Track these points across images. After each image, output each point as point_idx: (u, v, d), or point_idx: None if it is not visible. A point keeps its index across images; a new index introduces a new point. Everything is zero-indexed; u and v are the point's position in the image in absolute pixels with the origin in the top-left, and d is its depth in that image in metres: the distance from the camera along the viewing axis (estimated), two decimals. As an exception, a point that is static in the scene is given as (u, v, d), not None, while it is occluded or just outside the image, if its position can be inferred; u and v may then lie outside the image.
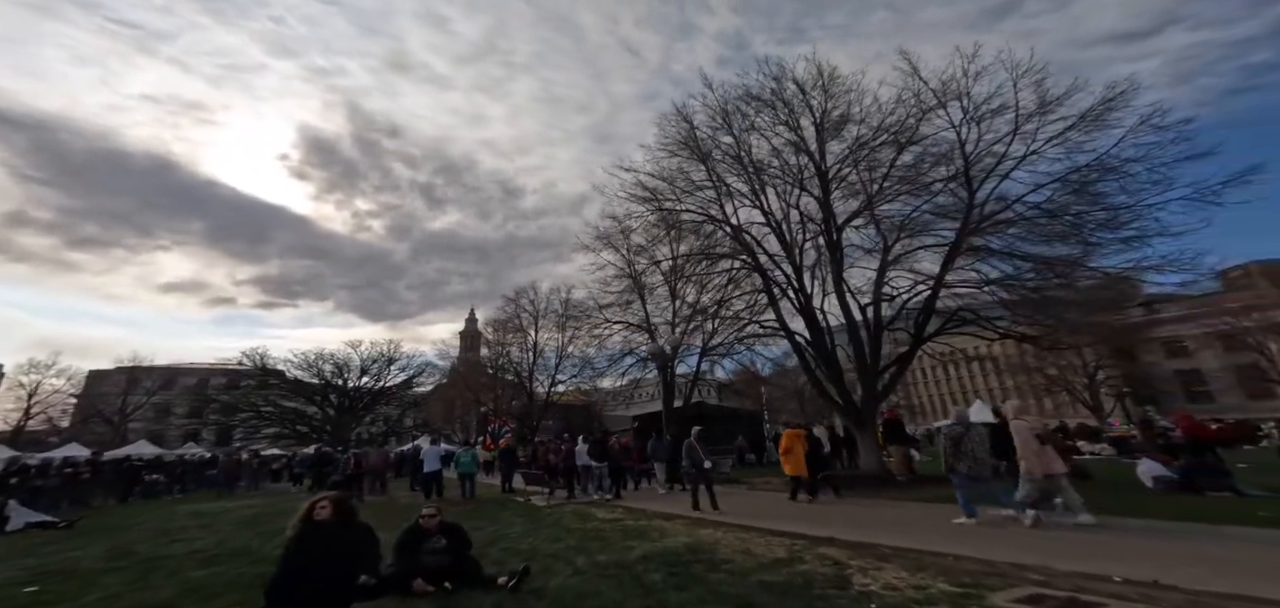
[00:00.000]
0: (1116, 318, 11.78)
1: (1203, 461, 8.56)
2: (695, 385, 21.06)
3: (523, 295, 34.52)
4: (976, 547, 5.26)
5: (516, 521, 9.04)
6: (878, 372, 12.79)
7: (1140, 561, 4.34)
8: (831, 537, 6.19)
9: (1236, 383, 36.98)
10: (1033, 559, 4.57)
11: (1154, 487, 8.57)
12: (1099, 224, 9.46)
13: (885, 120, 12.54)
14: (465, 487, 13.12)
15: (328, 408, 44.91)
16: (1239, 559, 4.33)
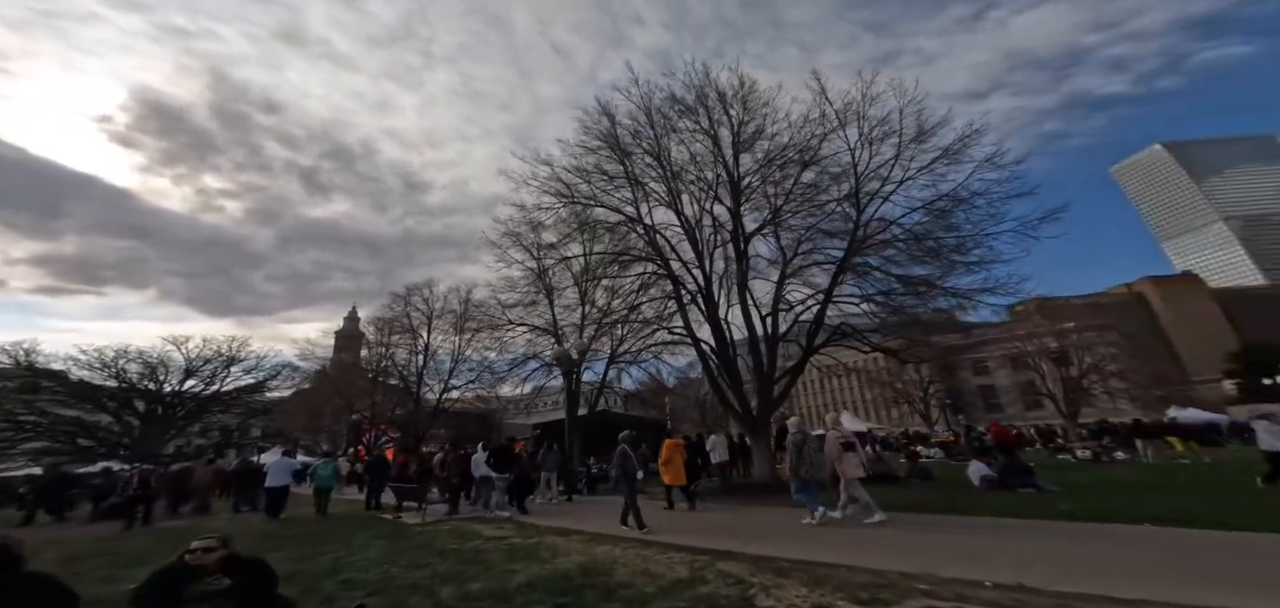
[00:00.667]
0: (951, 338, 13.91)
1: (1014, 461, 10.28)
2: (601, 393, 20.39)
3: (415, 293, 30.77)
4: (865, 556, 5.33)
5: (375, 543, 7.40)
6: (773, 380, 13.42)
7: (999, 562, 4.70)
8: (731, 550, 5.92)
9: (1019, 397, 47.37)
10: (914, 566, 4.72)
11: (980, 485, 10.04)
12: (951, 248, 11.06)
13: (794, 137, 13.39)
14: (322, 504, 11.28)
15: (128, 417, 35.23)
16: (1081, 556, 4.86)
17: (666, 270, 14.22)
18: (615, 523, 8.21)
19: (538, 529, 8.21)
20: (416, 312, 30.35)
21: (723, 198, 14.18)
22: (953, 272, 11.01)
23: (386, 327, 32.41)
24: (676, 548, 6.23)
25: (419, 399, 30.83)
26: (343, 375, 39.17)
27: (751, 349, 13.77)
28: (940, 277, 11.12)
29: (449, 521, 9.60)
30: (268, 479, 11.37)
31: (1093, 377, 36.91)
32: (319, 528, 9.33)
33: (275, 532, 9.20)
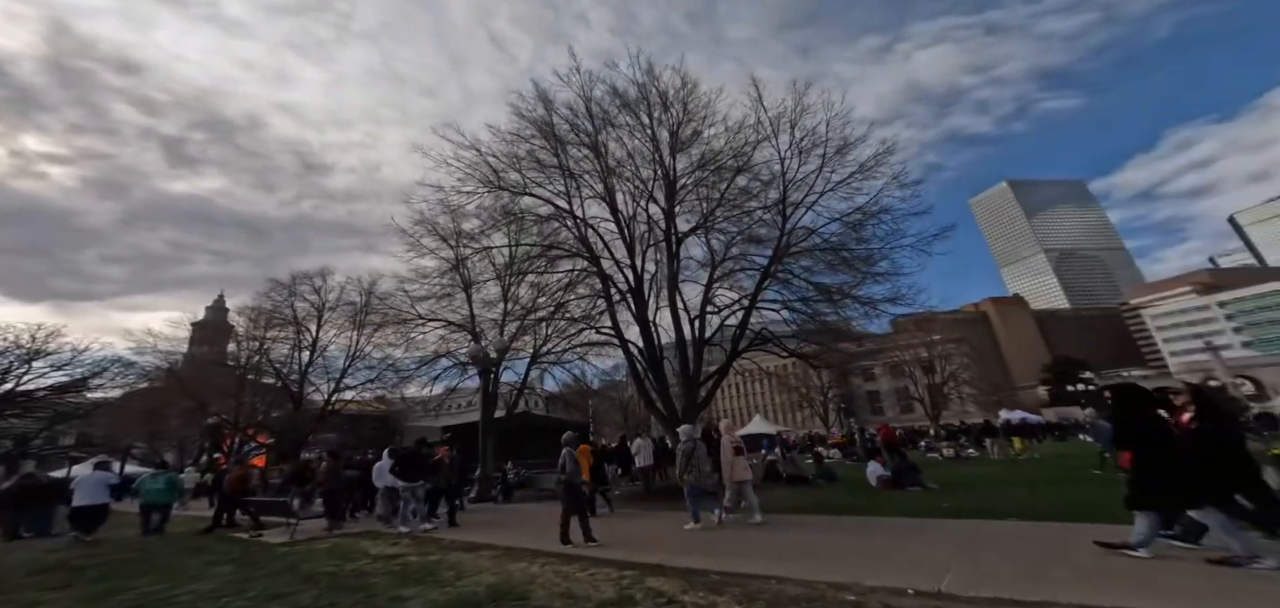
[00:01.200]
0: (852, 346, 15.20)
1: (904, 462, 11.40)
2: (521, 395, 19.16)
3: (303, 282, 26.60)
4: (791, 565, 5.29)
5: (215, 570, 5.87)
6: (699, 383, 13.52)
7: (916, 566, 4.92)
8: (660, 565, 5.57)
9: (897, 401, 54.28)
10: (840, 574, 4.75)
11: (877, 484, 10.96)
12: (862, 259, 12.02)
13: (730, 142, 13.64)
14: (150, 521, 9.46)
15: None
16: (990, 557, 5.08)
17: (597, 268, 13.72)
18: (532, 535, 7.52)
19: (441, 545, 7.19)
20: (304, 302, 26.28)
21: (657, 197, 14.04)
22: (863, 282, 11.94)
23: (263, 318, 27.60)
24: (600, 562, 5.73)
25: (301, 400, 26.66)
26: (199, 373, 32.60)
27: (678, 352, 13.77)
28: (853, 286, 12.00)
29: (329, 538, 8.08)
30: (75, 498, 9.29)
31: (950, 384, 43.46)
32: (138, 554, 7.27)
33: (69, 561, 6.98)
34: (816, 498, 9.88)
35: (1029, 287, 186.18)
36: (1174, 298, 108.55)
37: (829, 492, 10.93)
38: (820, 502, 9.42)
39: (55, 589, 5.28)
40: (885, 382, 57.06)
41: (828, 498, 9.78)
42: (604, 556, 6.06)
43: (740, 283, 14.43)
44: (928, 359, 42.83)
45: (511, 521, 9.73)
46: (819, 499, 9.72)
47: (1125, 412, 4.93)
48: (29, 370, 29.53)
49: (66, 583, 5.53)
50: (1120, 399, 5.04)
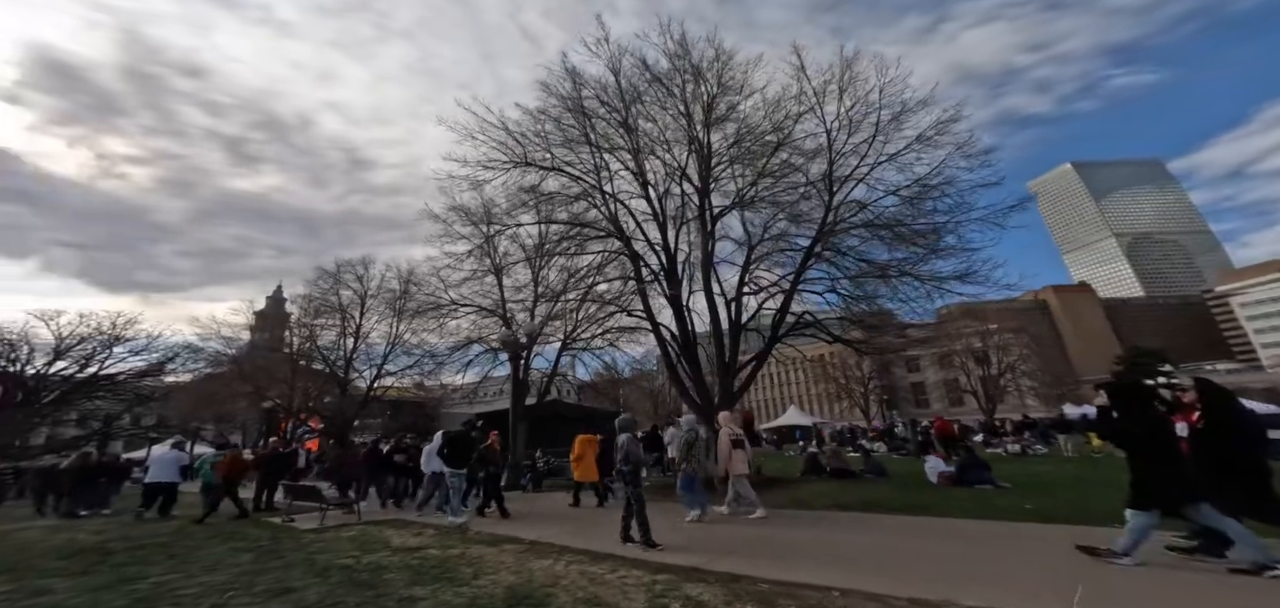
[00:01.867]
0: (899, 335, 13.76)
1: (972, 458, 10.13)
2: (552, 381, 18.90)
3: (347, 270, 27.55)
4: (851, 575, 4.51)
5: (237, 559, 5.71)
6: (734, 370, 12.67)
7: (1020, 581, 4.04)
8: (696, 568, 4.91)
9: (945, 393, 50.90)
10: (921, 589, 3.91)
11: (938, 482, 9.80)
12: (926, 233, 10.73)
13: (769, 115, 12.61)
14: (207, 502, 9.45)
15: (-23, 402, 29.09)
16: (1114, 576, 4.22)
17: (628, 249, 13.07)
18: (559, 528, 7.04)
19: (464, 537, 6.81)
20: (347, 290, 27.23)
21: (691, 174, 13.19)
22: (926, 259, 10.66)
23: (312, 305, 28.88)
24: (630, 563, 5.12)
25: (347, 386, 27.73)
26: (258, 359, 34.66)
27: (713, 337, 12.95)
28: (915, 263, 10.73)
29: (354, 526, 7.92)
30: (149, 474, 10.06)
31: (1008, 375, 40.15)
32: (171, 537, 7.33)
33: (106, 543, 7.10)
34: (866, 494, 8.89)
35: (1096, 274, 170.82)
36: (1267, 285, 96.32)
37: (879, 488, 9.87)
38: (871, 498, 8.44)
39: (72, 575, 5.23)
40: (931, 373, 53.62)
41: (880, 495, 8.77)
42: (632, 555, 5.44)
43: (780, 263, 13.41)
44: (981, 350, 39.70)
45: (540, 511, 9.31)
46: (869, 496, 8.72)
47: (1124, 408, 4.60)
48: (110, 355, 32.39)
49: (87, 569, 5.50)
50: (1119, 396, 4.72)
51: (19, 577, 5.19)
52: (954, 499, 8.07)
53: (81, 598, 4.39)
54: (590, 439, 9.67)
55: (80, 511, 9.85)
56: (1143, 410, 4.49)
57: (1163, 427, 4.35)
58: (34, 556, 6.32)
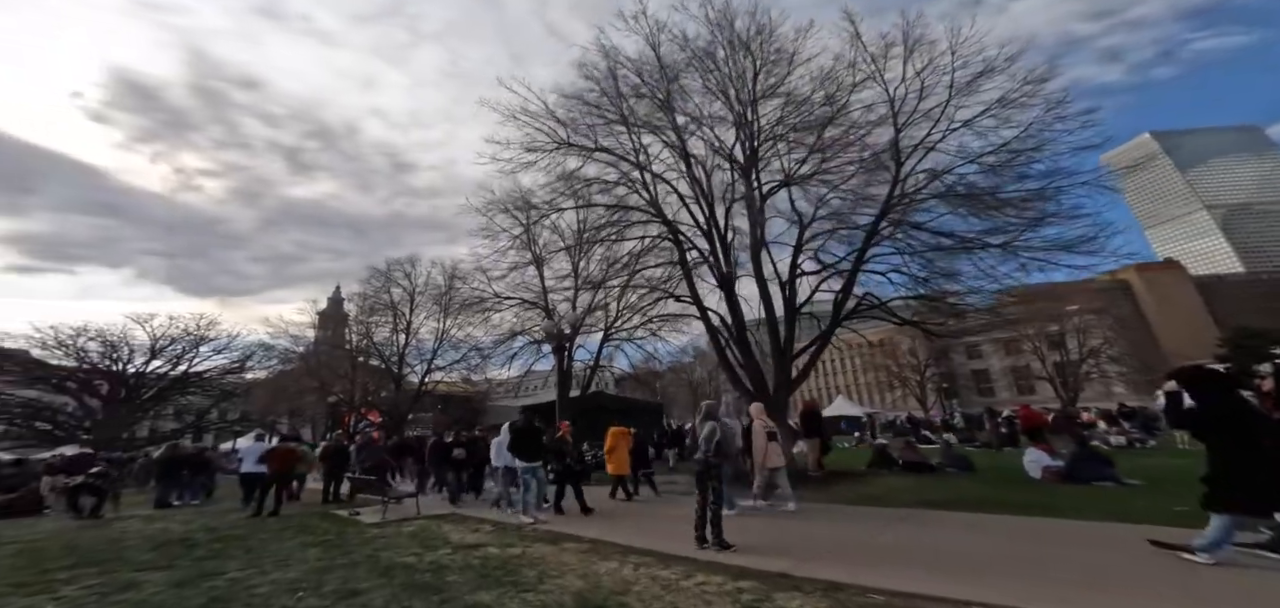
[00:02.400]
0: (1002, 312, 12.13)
1: (1085, 450, 8.74)
2: (595, 372, 18.66)
3: (396, 268, 28.64)
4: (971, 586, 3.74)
5: (307, 554, 5.63)
6: (791, 356, 11.77)
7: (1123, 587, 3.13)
8: (785, 573, 4.26)
9: (1012, 381, 46.78)
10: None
11: (1043, 478, 8.53)
12: (1018, 202, 9.35)
13: (820, 86, 11.57)
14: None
15: (90, 399, 32.65)
16: None
17: (671, 233, 12.44)
18: (617, 525, 6.56)
19: (522, 535, 6.48)
20: (397, 288, 28.31)
21: (736, 153, 12.36)
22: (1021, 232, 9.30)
23: (367, 303, 30.30)
24: (705, 568, 4.54)
25: (401, 380, 28.89)
26: (322, 356, 36.91)
27: (767, 323, 12.10)
28: (1010, 236, 9.35)
29: (413, 521, 7.81)
30: (242, 465, 10.46)
31: (1090, 361, 36.21)
32: (248, 530, 7.50)
33: (191, 535, 7.33)
34: (954, 491, 7.83)
35: (1185, 251, 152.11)
36: None
37: (965, 483, 8.73)
38: (963, 496, 7.40)
39: (158, 568, 5.34)
40: (996, 360, 49.45)
41: (972, 491, 7.69)
42: (706, 558, 4.86)
43: (839, 242, 12.33)
44: (1058, 333, 35.99)
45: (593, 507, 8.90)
46: (960, 492, 7.67)
47: (1200, 394, 4.04)
48: (196, 354, 35.60)
49: (171, 562, 5.62)
50: (1194, 380, 4.18)
51: (109, 569, 5.33)
52: (1071, 498, 6.91)
53: (166, 594, 4.38)
54: (623, 432, 9.26)
55: (172, 501, 10.50)
56: (1223, 397, 3.92)
57: (1245, 414, 3.84)
58: (126, 547, 6.56)
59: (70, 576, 5.06)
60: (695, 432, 5.88)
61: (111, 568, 5.32)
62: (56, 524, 8.66)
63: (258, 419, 39.70)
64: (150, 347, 34.30)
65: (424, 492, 10.68)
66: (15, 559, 6.11)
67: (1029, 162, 9.39)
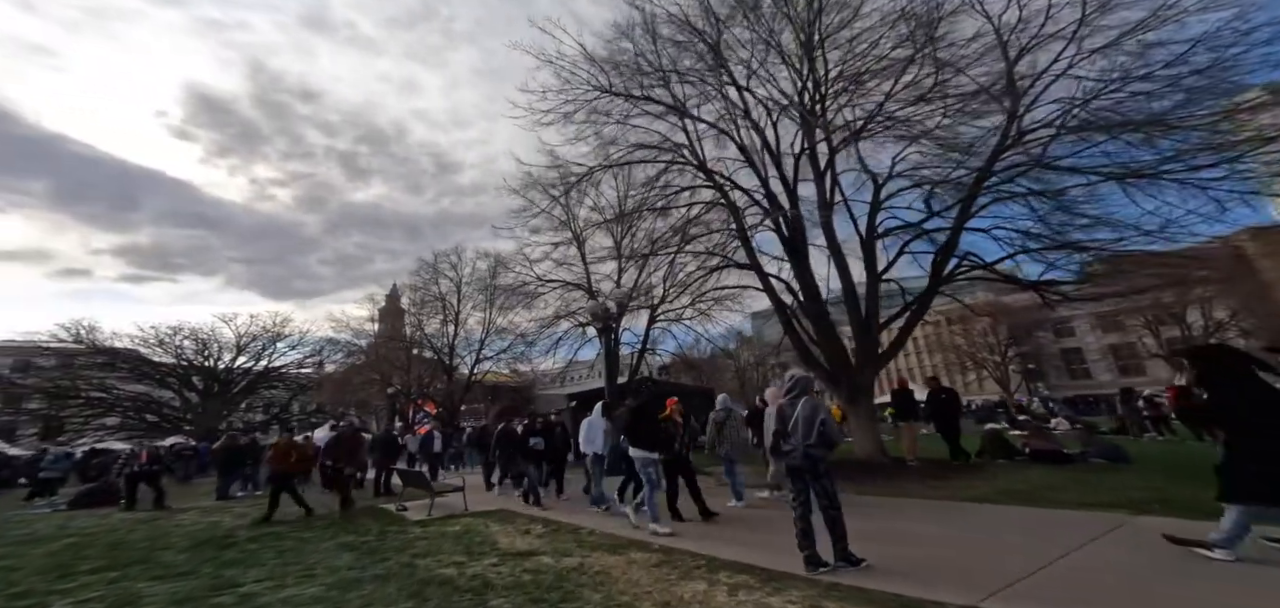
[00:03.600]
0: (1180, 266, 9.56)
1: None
2: (642, 356, 17.56)
3: (443, 260, 28.99)
4: None
5: (339, 560, 4.88)
6: (874, 330, 10.00)
7: None
8: (940, 603, 2.87)
9: (1113, 360, 40.96)
10: None
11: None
12: (1205, 120, 7.06)
13: (895, 26, 9.61)
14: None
15: (187, 392, 35.85)
16: None
17: (723, 197, 10.97)
18: (689, 529, 5.37)
19: (580, 539, 5.42)
20: (445, 280, 28.68)
21: (799, 104, 10.61)
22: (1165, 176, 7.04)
23: (419, 295, 31.05)
24: (831, 594, 3.20)
25: (453, 371, 29.33)
26: (381, 349, 38.53)
27: (844, 292, 10.39)
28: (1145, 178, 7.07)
29: (460, 519, 7.01)
30: None
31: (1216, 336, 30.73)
32: (289, 527, 6.97)
33: (234, 532, 6.92)
34: (1125, 489, 5.93)
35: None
36: None
37: (1136, 478, 6.72)
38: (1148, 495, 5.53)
39: (177, 575, 4.84)
40: (1093, 336, 43.55)
41: (1150, 489, 5.77)
42: (825, 579, 3.52)
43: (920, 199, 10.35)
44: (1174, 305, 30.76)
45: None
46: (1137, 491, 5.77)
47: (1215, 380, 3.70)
48: (275, 350, 38.31)
49: (196, 567, 5.09)
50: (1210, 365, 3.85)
51: (127, 575, 4.85)
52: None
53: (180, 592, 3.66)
54: None
55: (234, 492, 10.42)
56: (1241, 383, 3.53)
57: (1268, 401, 3.40)
58: (165, 546, 6.19)
59: (81, 583, 4.57)
60: (781, 414, 4.36)
61: (130, 573, 4.81)
62: (120, 517, 8.66)
63: (330, 411, 42.27)
64: (236, 344, 37.20)
65: (493, 487, 9.82)
66: (51, 556, 5.85)
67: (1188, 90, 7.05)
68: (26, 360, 45.64)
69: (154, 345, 35.25)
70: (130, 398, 34.90)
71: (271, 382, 41.51)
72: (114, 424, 35.50)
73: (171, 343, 35.51)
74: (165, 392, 36.45)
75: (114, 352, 35.83)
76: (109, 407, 35.22)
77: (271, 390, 42.88)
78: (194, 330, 36.53)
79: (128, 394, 34.95)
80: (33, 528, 7.74)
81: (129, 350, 36.55)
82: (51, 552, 6.03)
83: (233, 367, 37.69)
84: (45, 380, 35.39)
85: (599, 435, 6.95)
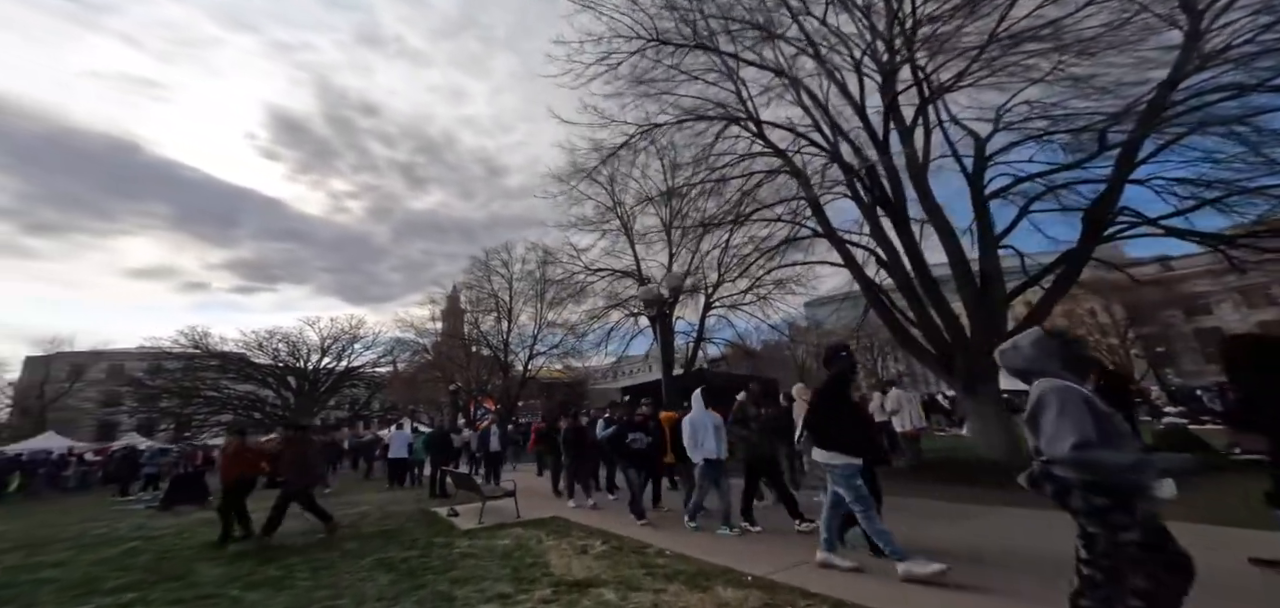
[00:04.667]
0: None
1: None
2: (698, 346, 16.24)
3: (494, 257, 29.35)
4: None
5: (369, 581, 4.12)
6: (996, 304, 8.04)
7: None
8: None
9: (1268, 341, 33.66)
10: None
11: None
12: None
13: None
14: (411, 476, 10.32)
15: (285, 391, 39.28)
16: None
17: (786, 163, 9.39)
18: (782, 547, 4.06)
19: (646, 559, 4.30)
20: (497, 276, 29.04)
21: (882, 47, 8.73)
22: None
23: (473, 294, 31.76)
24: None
25: (508, 367, 29.64)
26: (444, 348, 40.08)
27: (953, 265, 8.48)
28: None
29: (511, 528, 6.17)
30: (390, 451, 11.65)
31: None
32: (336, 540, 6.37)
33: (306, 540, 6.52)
34: None
35: None
36: None
37: None
38: None
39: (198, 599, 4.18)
40: (1235, 315, 36.20)
41: None
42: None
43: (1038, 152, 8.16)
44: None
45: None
46: None
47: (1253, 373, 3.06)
48: (353, 350, 41.10)
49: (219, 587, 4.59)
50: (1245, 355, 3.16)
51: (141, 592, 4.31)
52: None
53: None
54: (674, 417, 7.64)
55: None
56: None
57: None
58: (204, 558, 5.78)
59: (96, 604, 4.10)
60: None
61: (150, 597, 4.29)
62: (190, 520, 8.55)
63: (401, 408, 44.73)
64: (320, 345, 40.28)
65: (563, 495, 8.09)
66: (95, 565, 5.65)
67: None
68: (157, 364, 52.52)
69: (254, 349, 38.93)
70: (239, 397, 38.83)
71: (352, 381, 44.62)
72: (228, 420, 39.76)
73: (268, 345, 39.07)
74: (266, 391, 40.22)
75: (224, 356, 40.07)
76: (222, 405, 39.48)
77: (352, 389, 46.15)
78: (285, 334, 39.93)
79: (237, 394, 38.89)
80: (113, 528, 7.91)
81: (236, 354, 40.69)
82: (101, 559, 5.87)
83: (319, 367, 40.85)
84: (170, 382, 40.16)
85: (710, 436, 5.35)
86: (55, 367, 48.35)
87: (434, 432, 10.26)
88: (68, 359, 48.66)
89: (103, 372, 51.02)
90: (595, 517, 6.57)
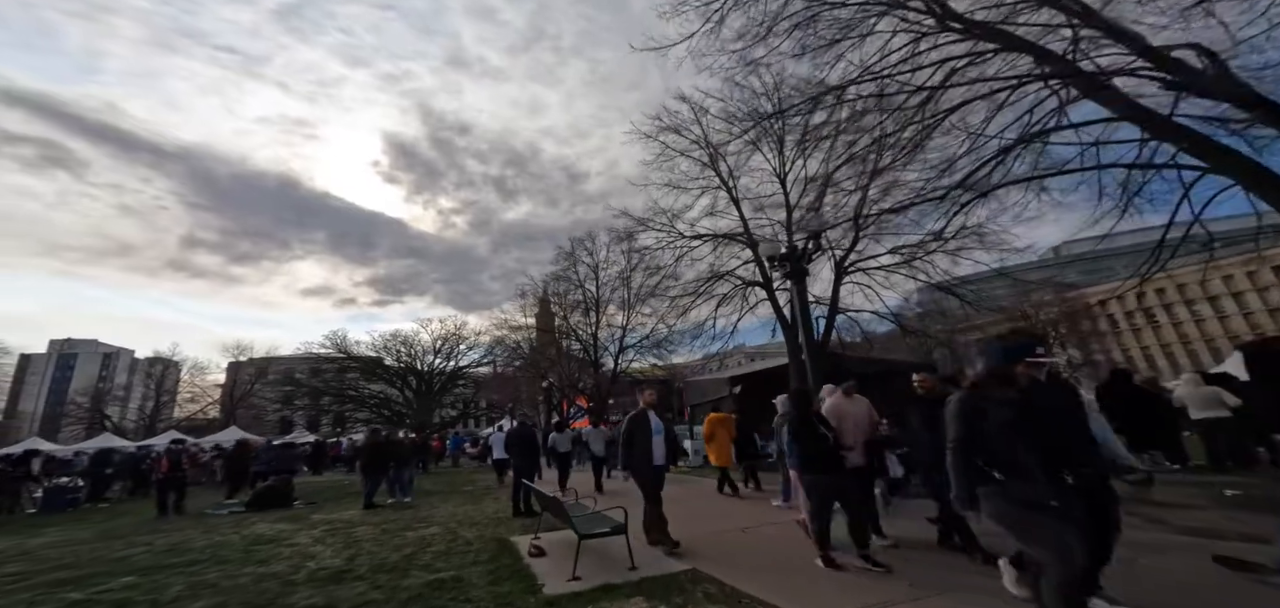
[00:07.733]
0: None
1: None
2: (832, 320, 12.55)
3: (579, 247, 28.21)
4: None
5: None
6: None
7: None
8: None
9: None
10: None
11: None
12: None
13: None
14: None
15: (407, 390, 42.85)
16: None
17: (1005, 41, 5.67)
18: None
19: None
20: (583, 265, 27.87)
21: None
22: None
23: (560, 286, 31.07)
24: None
25: (598, 363, 28.31)
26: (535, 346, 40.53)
27: None
28: None
29: (622, 591, 3.70)
30: (494, 452, 12.33)
31: None
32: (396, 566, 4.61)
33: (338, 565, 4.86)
34: None
35: None
36: None
37: None
38: None
39: None
40: None
41: None
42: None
43: None
44: None
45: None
46: None
47: None
48: (460, 351, 43.61)
49: None
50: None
51: None
52: None
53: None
54: (722, 417, 8.29)
55: (380, 500, 8.79)
56: None
57: None
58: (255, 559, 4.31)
59: None
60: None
61: None
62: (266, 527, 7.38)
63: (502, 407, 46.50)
64: (432, 346, 43.30)
65: None
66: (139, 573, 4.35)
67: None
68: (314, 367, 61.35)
69: (382, 350, 43.05)
70: (372, 396, 43.31)
71: (461, 380, 47.45)
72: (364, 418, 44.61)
73: (392, 347, 42.94)
74: (392, 390, 44.30)
75: (363, 359, 44.94)
76: (360, 402, 44.43)
77: (462, 387, 49.16)
78: (404, 337, 43.57)
79: (371, 393, 43.42)
80: (185, 534, 7.10)
81: (372, 357, 45.27)
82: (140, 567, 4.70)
83: (432, 367, 43.97)
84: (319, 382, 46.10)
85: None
86: (243, 371, 58.45)
87: (516, 428, 8.13)
88: (254, 364, 58.45)
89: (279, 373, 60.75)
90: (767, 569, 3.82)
